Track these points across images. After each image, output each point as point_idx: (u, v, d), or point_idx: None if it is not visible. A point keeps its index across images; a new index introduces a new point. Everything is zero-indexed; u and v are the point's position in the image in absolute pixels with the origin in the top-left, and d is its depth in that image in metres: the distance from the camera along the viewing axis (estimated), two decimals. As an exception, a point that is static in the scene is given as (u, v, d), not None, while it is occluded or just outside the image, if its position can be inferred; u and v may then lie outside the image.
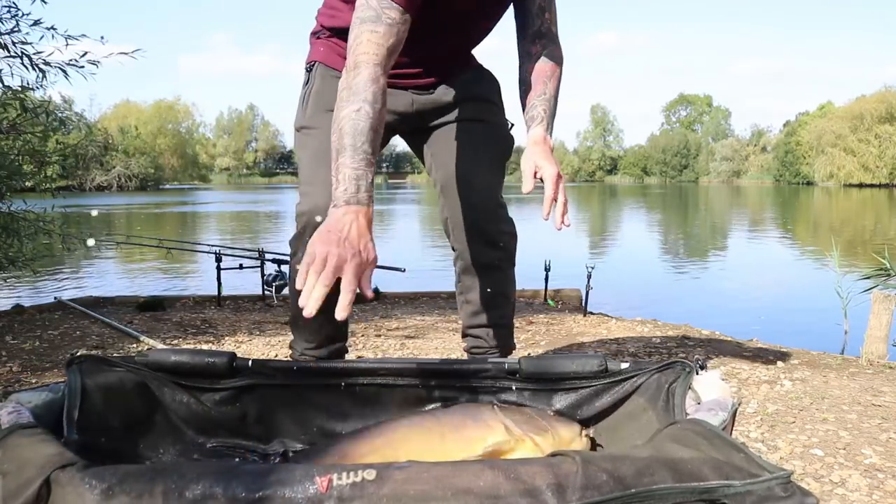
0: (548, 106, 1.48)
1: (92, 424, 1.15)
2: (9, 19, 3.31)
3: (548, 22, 1.54)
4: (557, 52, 1.55)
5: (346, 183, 1.15)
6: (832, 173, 52.57)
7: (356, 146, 1.17)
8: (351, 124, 1.18)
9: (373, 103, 1.21)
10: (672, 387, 1.18)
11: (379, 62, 1.25)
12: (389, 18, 1.29)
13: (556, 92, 1.51)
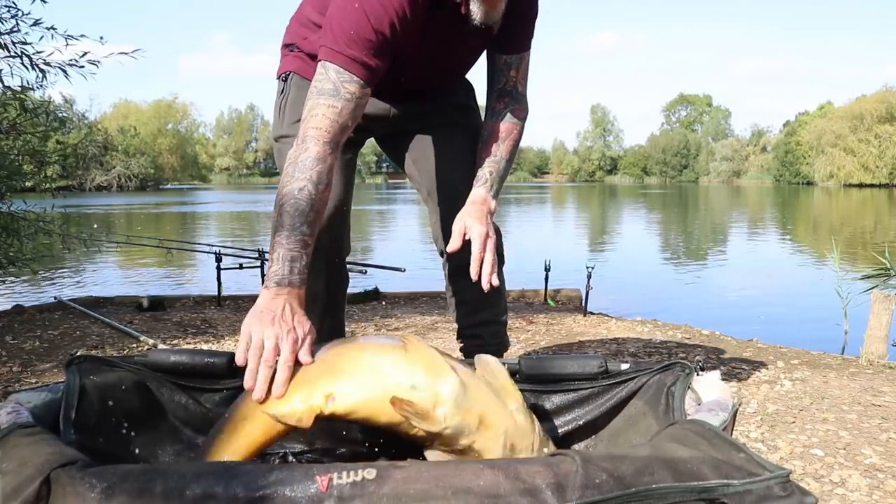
0: (495, 168, 1.46)
1: (90, 424, 1.15)
2: (9, 19, 3.31)
3: (513, 80, 1.53)
4: (519, 111, 1.54)
5: (280, 263, 1.15)
6: (832, 173, 52.59)
7: (294, 226, 1.16)
8: (292, 203, 1.18)
9: (317, 183, 1.20)
10: (672, 387, 1.18)
11: (329, 140, 1.24)
12: (348, 93, 1.26)
13: (510, 153, 1.50)
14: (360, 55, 1.25)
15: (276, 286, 1.14)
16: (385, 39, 1.27)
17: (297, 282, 1.15)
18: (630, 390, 1.28)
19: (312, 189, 1.19)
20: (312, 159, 1.21)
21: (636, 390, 1.27)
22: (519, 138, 1.53)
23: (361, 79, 1.26)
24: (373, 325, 3.51)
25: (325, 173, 1.22)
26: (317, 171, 1.20)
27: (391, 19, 1.27)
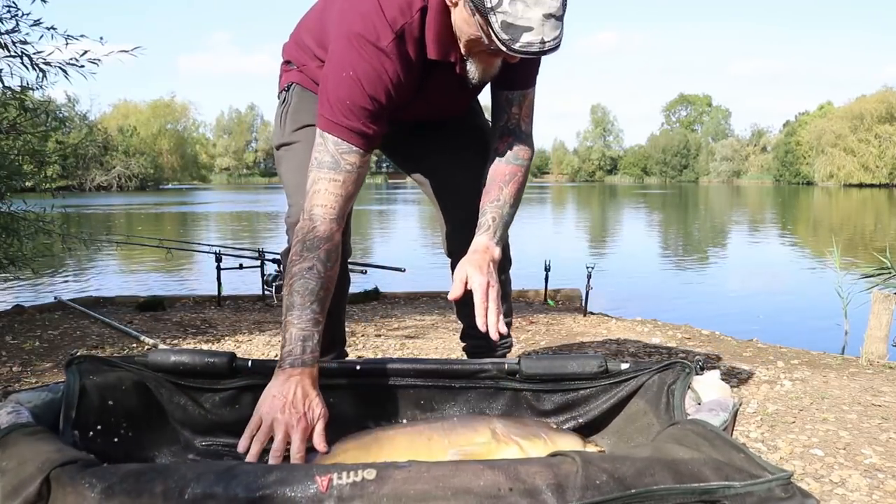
0: (498, 213, 1.40)
1: (90, 424, 1.15)
2: (9, 19, 3.31)
3: (515, 117, 1.46)
4: (523, 151, 1.46)
5: (293, 343, 1.18)
6: (832, 173, 52.59)
7: (305, 305, 1.19)
8: (302, 283, 1.21)
9: (325, 262, 1.23)
10: (672, 387, 1.18)
11: (336, 216, 1.26)
12: (349, 164, 1.27)
13: (513, 197, 1.43)
14: (356, 124, 1.26)
15: (290, 367, 1.17)
16: (381, 105, 1.28)
17: (309, 361, 1.18)
18: (630, 389, 1.28)
19: (321, 268, 1.22)
20: (320, 239, 1.24)
21: (636, 389, 1.27)
22: (523, 181, 1.46)
23: (360, 148, 1.28)
24: (373, 325, 3.51)
25: (333, 251, 1.25)
26: (325, 249, 1.23)
27: (386, 85, 1.26)
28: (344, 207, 1.28)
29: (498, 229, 1.39)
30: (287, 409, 1.13)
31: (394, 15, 1.25)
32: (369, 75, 1.25)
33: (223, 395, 1.33)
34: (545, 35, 1.11)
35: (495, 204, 1.41)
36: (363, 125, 1.26)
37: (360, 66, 1.25)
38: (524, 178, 1.46)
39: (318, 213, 1.25)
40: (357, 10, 1.28)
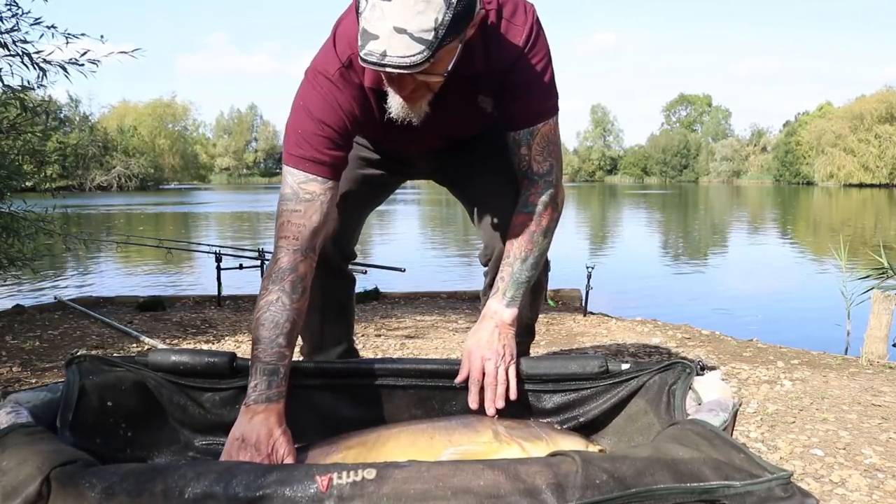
0: (508, 272, 1.35)
1: (89, 425, 1.15)
2: (9, 18, 3.31)
3: (525, 159, 1.37)
4: (534, 195, 1.36)
5: (258, 378, 1.18)
6: (832, 173, 52.57)
7: (271, 339, 1.19)
8: (268, 315, 1.21)
9: (290, 293, 1.22)
10: (673, 387, 1.18)
11: (299, 247, 1.25)
12: (308, 194, 1.26)
13: (524, 250, 1.35)
14: (309, 153, 1.26)
15: (255, 403, 1.16)
16: (333, 131, 1.26)
17: (275, 396, 1.17)
18: (631, 389, 1.28)
19: (287, 300, 1.22)
20: (284, 270, 1.23)
21: (637, 389, 1.27)
22: (536, 228, 1.35)
23: (319, 175, 1.26)
24: (373, 325, 3.51)
25: (299, 282, 1.24)
26: (289, 281, 1.23)
27: (337, 111, 1.26)
28: (310, 238, 1.26)
29: (508, 289, 1.35)
30: (249, 452, 1.13)
31: (343, 47, 1.26)
32: (318, 103, 1.26)
33: (223, 395, 1.33)
34: (390, 49, 1.03)
35: (506, 262, 1.36)
36: (317, 152, 1.26)
37: (310, 96, 1.27)
38: (537, 226, 1.35)
39: (283, 245, 1.25)
40: (320, 49, 1.32)
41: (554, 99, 1.36)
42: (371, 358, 1.65)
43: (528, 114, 1.34)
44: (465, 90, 1.32)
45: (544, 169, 1.37)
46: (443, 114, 1.30)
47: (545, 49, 1.33)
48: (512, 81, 1.31)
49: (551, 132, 1.36)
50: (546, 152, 1.36)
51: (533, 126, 1.35)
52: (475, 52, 1.27)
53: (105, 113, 52.03)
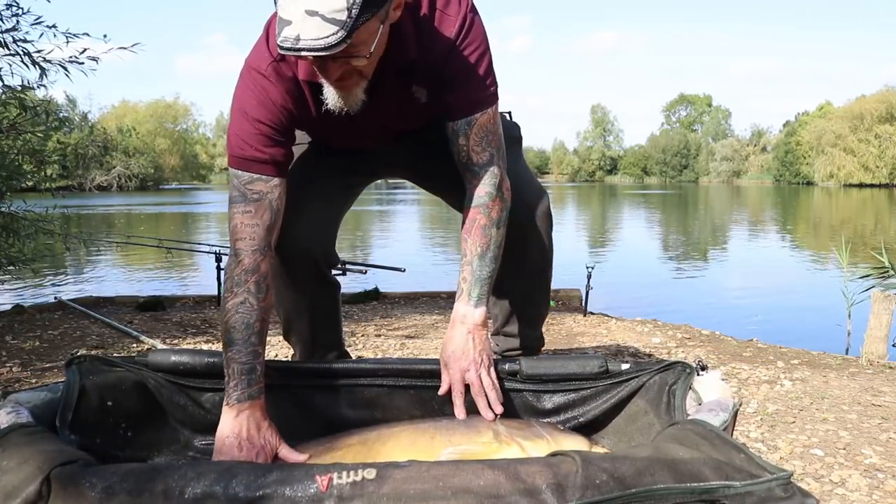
0: (468, 271, 1.32)
1: (89, 424, 1.15)
2: (10, 17, 3.31)
3: (464, 150, 1.33)
4: (480, 188, 1.34)
5: (237, 378, 1.19)
6: (832, 173, 52.58)
7: (244, 340, 1.21)
8: (237, 318, 1.22)
9: (256, 294, 1.23)
10: (673, 388, 1.18)
11: (257, 247, 1.25)
12: (255, 193, 1.26)
13: (481, 246, 1.33)
14: (250, 153, 1.26)
15: (238, 402, 1.18)
16: (270, 128, 1.26)
17: (255, 393, 1.20)
18: (631, 389, 1.28)
19: (253, 300, 1.23)
20: (247, 271, 1.24)
21: (637, 389, 1.27)
22: (487, 222, 1.33)
23: (262, 174, 1.26)
24: (373, 325, 3.51)
25: (262, 281, 1.25)
26: (253, 281, 1.24)
27: (270, 107, 1.26)
28: (265, 236, 1.27)
29: (472, 289, 1.32)
30: (244, 447, 1.15)
31: (274, 41, 1.18)
32: (251, 102, 1.26)
33: (223, 395, 1.33)
34: (303, 32, 1.01)
35: (465, 261, 1.34)
36: (258, 151, 1.26)
37: (244, 95, 1.27)
38: (487, 219, 1.33)
39: (241, 248, 1.25)
40: (254, 45, 1.30)
41: (491, 88, 1.33)
42: (371, 358, 1.65)
43: (465, 104, 1.32)
44: (399, 80, 1.31)
45: (484, 159, 1.34)
46: (379, 104, 1.29)
47: (480, 38, 1.31)
48: (447, 73, 1.30)
49: (490, 122, 1.34)
50: (485, 142, 1.34)
51: (470, 116, 1.32)
52: (408, 39, 1.25)
53: (105, 113, 52.03)
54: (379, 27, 1.11)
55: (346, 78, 1.16)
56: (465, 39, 1.29)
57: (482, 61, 1.31)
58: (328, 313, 1.72)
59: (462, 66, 1.30)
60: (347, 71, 1.14)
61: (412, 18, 1.25)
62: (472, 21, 1.29)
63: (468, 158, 1.34)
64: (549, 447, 1.14)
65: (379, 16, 1.09)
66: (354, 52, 1.09)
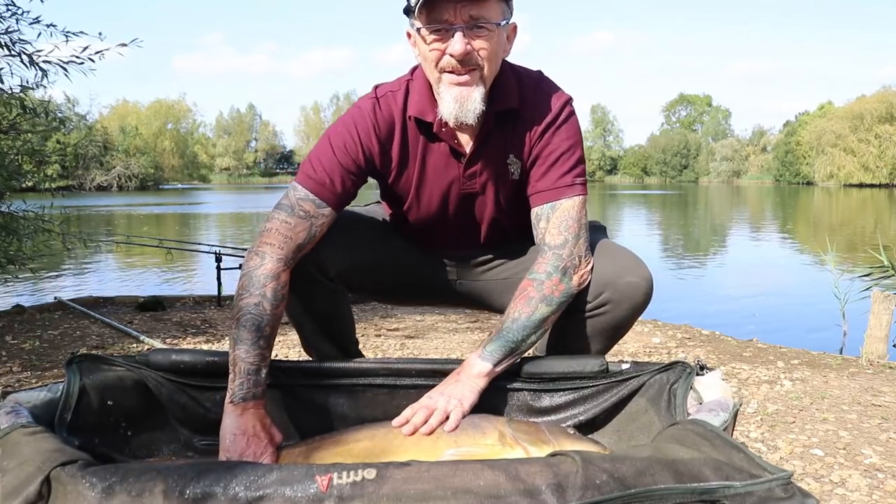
0: (498, 328, 1.28)
1: (89, 424, 1.15)
2: (8, 17, 3.31)
3: (542, 232, 1.34)
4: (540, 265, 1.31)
5: (243, 377, 1.20)
6: (832, 173, 52.57)
7: (252, 341, 1.21)
8: (248, 318, 1.22)
9: (271, 300, 1.24)
10: (673, 388, 1.18)
11: (282, 256, 1.27)
12: (302, 210, 1.29)
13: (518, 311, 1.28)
14: (316, 174, 1.31)
15: (243, 401, 1.19)
16: (342, 157, 1.32)
17: (260, 394, 1.21)
18: (631, 389, 1.28)
19: (268, 305, 1.24)
20: (265, 276, 1.25)
21: (637, 389, 1.27)
22: (535, 293, 1.28)
23: (317, 196, 1.30)
24: (373, 325, 3.51)
25: (279, 289, 1.26)
26: (270, 287, 1.25)
27: (353, 138, 1.33)
28: (294, 251, 1.28)
29: (490, 343, 1.27)
30: (251, 443, 1.16)
31: (382, 87, 1.37)
32: (340, 131, 1.35)
33: (223, 395, 1.33)
34: None
35: (500, 320, 1.31)
36: (322, 174, 1.31)
37: (336, 124, 1.37)
38: (538, 292, 1.28)
39: (267, 251, 1.27)
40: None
41: (579, 179, 1.35)
42: (371, 358, 1.65)
43: (552, 188, 1.34)
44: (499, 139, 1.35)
45: (557, 241, 1.32)
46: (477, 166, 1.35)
47: (576, 129, 1.38)
48: (540, 149, 1.35)
49: (573, 209, 1.33)
50: (563, 226, 1.32)
51: (556, 201, 1.34)
52: (511, 88, 1.34)
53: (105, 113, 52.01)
54: (503, 21, 1.24)
55: (469, 70, 1.23)
56: (562, 124, 1.36)
57: (574, 151, 1.36)
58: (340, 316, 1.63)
59: (555, 148, 1.35)
60: (473, 58, 1.22)
61: (517, 80, 1.36)
62: (571, 111, 1.38)
63: (542, 240, 1.34)
64: (554, 450, 1.13)
65: (502, 6, 1.23)
66: (480, 16, 1.20)
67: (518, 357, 1.29)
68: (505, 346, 1.26)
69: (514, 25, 1.32)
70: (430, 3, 1.18)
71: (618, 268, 1.36)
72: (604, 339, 1.40)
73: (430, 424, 1.17)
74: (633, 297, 1.36)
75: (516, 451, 1.14)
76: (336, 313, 1.56)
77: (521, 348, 1.28)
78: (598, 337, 1.39)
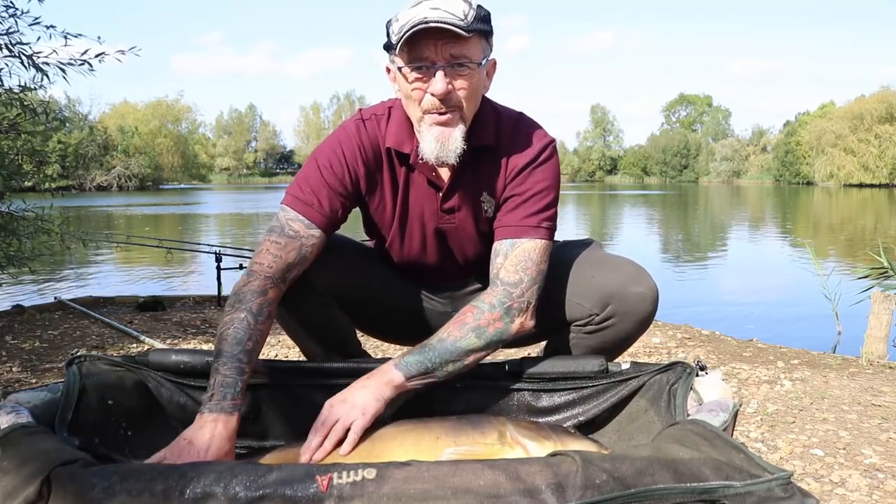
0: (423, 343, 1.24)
1: (89, 424, 1.15)
2: (7, 18, 3.31)
3: (497, 267, 1.30)
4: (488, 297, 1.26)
5: (215, 390, 1.17)
6: (832, 173, 52.55)
7: (232, 354, 1.20)
8: (232, 332, 1.22)
9: (256, 315, 1.24)
10: (673, 388, 1.18)
11: (271, 275, 1.28)
12: (292, 231, 1.30)
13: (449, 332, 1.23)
14: (304, 195, 1.33)
15: (209, 412, 1.16)
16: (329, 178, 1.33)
17: (229, 408, 1.17)
18: (631, 389, 1.28)
19: (252, 320, 1.23)
20: (253, 292, 1.26)
21: (637, 389, 1.27)
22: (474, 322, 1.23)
23: (306, 217, 1.31)
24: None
25: (266, 306, 1.26)
26: (257, 303, 1.25)
27: (339, 158, 1.34)
28: (282, 271, 1.29)
29: (411, 355, 1.22)
30: (191, 454, 1.10)
31: (367, 111, 1.39)
32: (324, 150, 1.37)
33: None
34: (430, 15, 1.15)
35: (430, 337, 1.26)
36: (311, 195, 1.32)
37: (322, 145, 1.39)
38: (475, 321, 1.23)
39: (255, 270, 1.28)
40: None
41: (545, 223, 1.31)
42: (371, 358, 1.64)
43: (516, 226, 1.31)
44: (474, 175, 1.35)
45: (512, 279, 1.27)
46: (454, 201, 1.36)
47: (553, 173, 1.35)
48: (512, 188, 1.33)
49: (535, 252, 1.29)
50: (521, 266, 1.28)
51: (517, 239, 1.30)
52: (488, 125, 1.34)
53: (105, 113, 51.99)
54: (483, 59, 1.24)
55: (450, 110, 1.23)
56: (540, 165, 1.34)
57: (547, 194, 1.33)
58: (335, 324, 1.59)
59: (529, 188, 1.33)
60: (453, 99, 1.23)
61: (497, 117, 1.36)
62: (551, 154, 1.36)
63: (497, 275, 1.29)
64: (556, 450, 1.13)
65: (482, 44, 1.24)
66: (461, 56, 1.20)
67: (433, 380, 1.22)
68: (423, 363, 1.21)
69: (494, 61, 1.32)
70: (413, 41, 1.18)
71: (623, 278, 1.35)
72: (610, 353, 1.40)
73: (324, 449, 1.14)
74: (641, 309, 1.35)
75: (516, 450, 1.14)
76: (328, 322, 1.52)
77: (438, 373, 1.22)
78: (605, 351, 1.38)
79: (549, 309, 1.38)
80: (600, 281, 1.34)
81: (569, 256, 1.44)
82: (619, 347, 1.42)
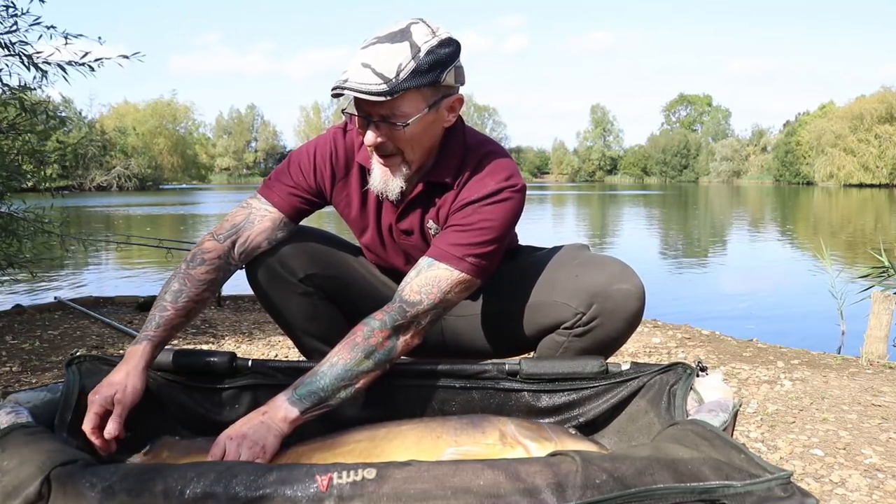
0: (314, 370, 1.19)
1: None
2: (7, 18, 3.31)
3: (407, 282, 1.27)
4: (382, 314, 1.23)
5: (147, 321, 1.28)
6: (832, 173, 52.55)
7: (160, 297, 1.31)
8: (169, 281, 1.35)
9: (189, 262, 1.36)
10: (673, 388, 1.18)
11: (213, 231, 1.41)
12: (246, 203, 1.43)
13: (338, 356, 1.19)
14: (268, 182, 1.44)
15: (134, 344, 1.24)
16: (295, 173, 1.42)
17: (142, 339, 1.25)
18: (631, 390, 1.28)
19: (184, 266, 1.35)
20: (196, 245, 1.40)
21: (637, 390, 1.27)
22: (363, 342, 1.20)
23: (263, 196, 1.42)
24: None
25: (199, 254, 1.36)
26: (192, 253, 1.37)
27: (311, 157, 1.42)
28: (226, 230, 1.39)
29: (302, 387, 1.17)
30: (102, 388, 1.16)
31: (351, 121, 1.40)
32: (300, 152, 1.45)
33: (223, 395, 1.33)
34: (353, 77, 1.16)
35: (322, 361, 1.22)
36: (274, 181, 1.43)
37: (299, 148, 1.46)
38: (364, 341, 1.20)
39: (207, 235, 1.41)
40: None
41: (471, 260, 1.26)
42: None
43: (441, 249, 1.27)
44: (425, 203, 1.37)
45: (412, 298, 1.24)
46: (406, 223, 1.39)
47: (502, 217, 1.29)
48: (454, 218, 1.31)
49: (447, 282, 1.25)
50: (426, 289, 1.24)
51: (436, 261, 1.26)
52: (451, 165, 1.33)
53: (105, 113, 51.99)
54: (424, 108, 1.21)
55: (389, 155, 1.27)
56: (489, 205, 1.29)
57: (487, 232, 1.28)
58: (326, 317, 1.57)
59: (470, 221, 1.28)
60: (388, 147, 1.25)
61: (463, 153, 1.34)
62: (506, 197, 1.30)
63: (401, 289, 1.26)
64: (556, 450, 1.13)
65: (424, 93, 1.20)
66: (392, 115, 1.20)
67: (328, 409, 1.19)
68: (316, 393, 1.17)
69: (459, 97, 1.27)
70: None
71: (607, 276, 1.32)
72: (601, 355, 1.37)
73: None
74: (627, 306, 1.32)
75: (517, 450, 1.14)
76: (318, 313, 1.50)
77: (331, 402, 1.18)
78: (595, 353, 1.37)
79: (535, 313, 1.39)
80: (585, 280, 1.33)
81: (553, 259, 1.44)
82: (610, 348, 1.40)
